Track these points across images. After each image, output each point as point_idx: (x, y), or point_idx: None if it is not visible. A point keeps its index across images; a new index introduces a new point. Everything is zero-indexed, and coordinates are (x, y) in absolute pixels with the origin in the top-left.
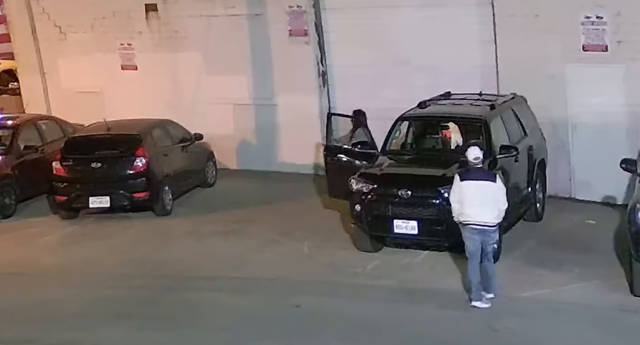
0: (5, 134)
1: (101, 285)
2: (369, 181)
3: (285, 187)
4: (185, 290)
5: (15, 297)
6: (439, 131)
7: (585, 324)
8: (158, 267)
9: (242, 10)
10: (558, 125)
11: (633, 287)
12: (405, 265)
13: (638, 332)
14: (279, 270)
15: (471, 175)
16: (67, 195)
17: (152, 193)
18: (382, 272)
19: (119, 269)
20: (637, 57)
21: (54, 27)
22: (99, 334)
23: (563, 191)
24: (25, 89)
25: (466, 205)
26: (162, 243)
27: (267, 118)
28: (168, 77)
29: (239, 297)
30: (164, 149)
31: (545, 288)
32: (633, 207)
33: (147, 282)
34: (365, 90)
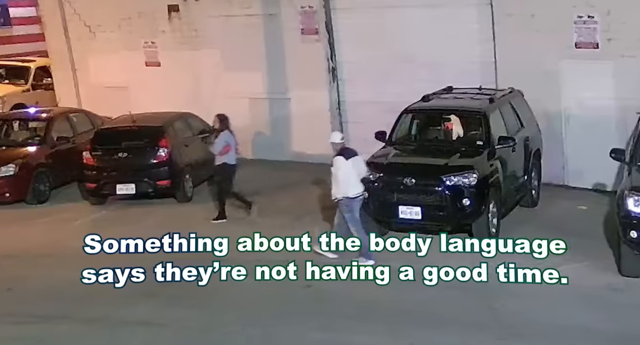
0: (40, 126)
1: (129, 266)
2: (375, 170)
3: (297, 175)
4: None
5: (49, 276)
6: (442, 123)
7: (577, 302)
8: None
9: (258, 11)
10: (552, 118)
11: (621, 268)
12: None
13: (625, 309)
14: (291, 252)
15: (350, 154)
16: (96, 182)
17: (174, 181)
18: (387, 255)
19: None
20: (626, 54)
21: (84, 27)
22: (127, 311)
23: (557, 179)
24: (58, 84)
25: (352, 181)
26: (183, 228)
27: (280, 111)
28: (189, 73)
29: (253, 277)
30: (184, 140)
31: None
32: (621, 194)
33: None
34: (372, 85)
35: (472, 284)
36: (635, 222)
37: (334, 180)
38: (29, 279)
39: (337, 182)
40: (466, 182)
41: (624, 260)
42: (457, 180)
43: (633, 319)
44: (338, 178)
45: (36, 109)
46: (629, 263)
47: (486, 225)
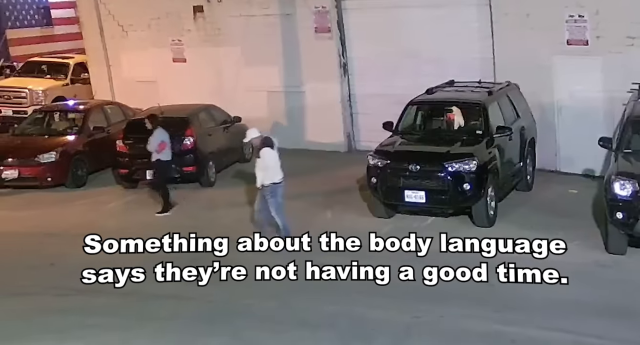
0: (78, 117)
1: (155, 245)
2: (383, 157)
3: (311, 163)
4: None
5: (87, 254)
6: (444, 114)
7: (568, 276)
8: (203, 229)
9: (275, 11)
10: (546, 109)
11: (608, 246)
12: (414, 229)
13: (612, 284)
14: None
15: (273, 143)
16: (128, 168)
17: (198, 167)
18: (394, 235)
19: (170, 230)
20: (613, 50)
21: (117, 26)
22: (157, 286)
23: (550, 165)
24: (94, 79)
25: (277, 168)
26: (206, 209)
27: (295, 103)
28: (212, 68)
29: (271, 255)
30: (208, 129)
31: None
32: (609, 179)
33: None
34: (380, 79)
35: (471, 259)
36: (621, 204)
37: (261, 169)
38: (69, 255)
39: (266, 170)
40: (467, 168)
41: (610, 239)
42: (459, 166)
43: (619, 292)
44: (268, 166)
45: (74, 101)
46: (615, 242)
47: (485, 208)
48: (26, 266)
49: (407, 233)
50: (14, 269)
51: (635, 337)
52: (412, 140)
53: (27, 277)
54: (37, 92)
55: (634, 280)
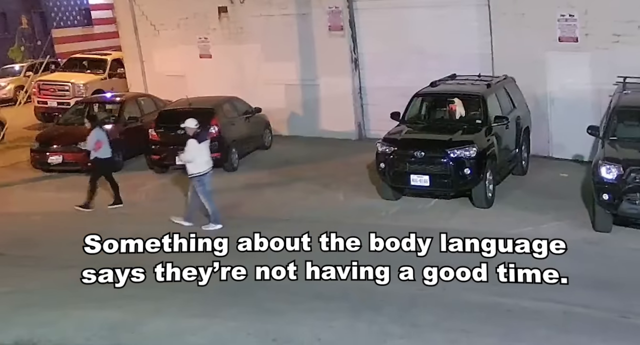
0: (115, 108)
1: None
2: (391, 144)
3: (325, 149)
4: (247, 228)
5: (124, 230)
6: (447, 105)
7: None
8: (227, 209)
9: (292, 11)
10: (539, 100)
11: (595, 224)
12: (419, 210)
13: (598, 259)
14: (320, 213)
15: (202, 138)
16: (159, 155)
17: (222, 153)
18: (401, 216)
19: (197, 210)
20: (600, 47)
21: (150, 26)
22: (182, 263)
23: (543, 151)
24: (129, 73)
25: (204, 160)
26: (229, 192)
27: (311, 95)
28: (235, 63)
29: (289, 233)
30: (231, 119)
31: (528, 226)
32: (596, 163)
33: None
34: (388, 73)
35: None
36: (607, 186)
37: (186, 159)
38: (106, 231)
39: (193, 161)
40: (467, 154)
41: (597, 218)
42: (460, 153)
43: (604, 266)
44: (193, 158)
45: (112, 94)
46: (601, 220)
47: (484, 190)
48: (70, 242)
49: (412, 214)
50: (59, 245)
51: (618, 306)
52: (417, 129)
53: (71, 252)
54: (78, 85)
55: (618, 256)
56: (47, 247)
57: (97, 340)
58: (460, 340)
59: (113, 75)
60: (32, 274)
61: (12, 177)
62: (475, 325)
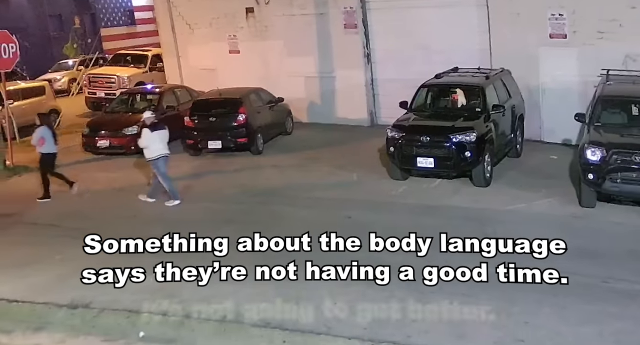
0: (154, 98)
1: (215, 201)
2: (399, 130)
3: (341, 135)
4: (272, 205)
5: (162, 208)
6: (449, 95)
7: (548, 226)
8: (253, 189)
9: (311, 11)
10: (532, 90)
11: (581, 201)
12: (424, 189)
13: (583, 231)
14: (336, 192)
15: (156, 128)
16: (194, 139)
17: (249, 138)
18: (408, 194)
19: (227, 189)
20: (587, 43)
21: (185, 25)
22: (214, 232)
23: (535, 136)
24: (167, 67)
25: (157, 146)
26: (255, 173)
27: (328, 86)
28: (260, 58)
29: (308, 210)
30: (257, 108)
31: (522, 203)
32: (582, 147)
33: (245, 199)
34: (397, 66)
35: (472, 213)
36: (591, 167)
37: (142, 145)
38: (146, 208)
39: (147, 148)
40: (468, 139)
41: (583, 195)
42: (461, 137)
43: (588, 237)
44: (147, 145)
45: (152, 85)
46: (586, 197)
47: (482, 171)
48: (115, 216)
49: (418, 192)
50: (106, 219)
51: (600, 272)
52: (423, 117)
53: (117, 224)
54: (123, 78)
55: (601, 229)
56: (96, 220)
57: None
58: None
59: (153, 69)
60: (81, 244)
61: (65, 158)
62: (475, 291)
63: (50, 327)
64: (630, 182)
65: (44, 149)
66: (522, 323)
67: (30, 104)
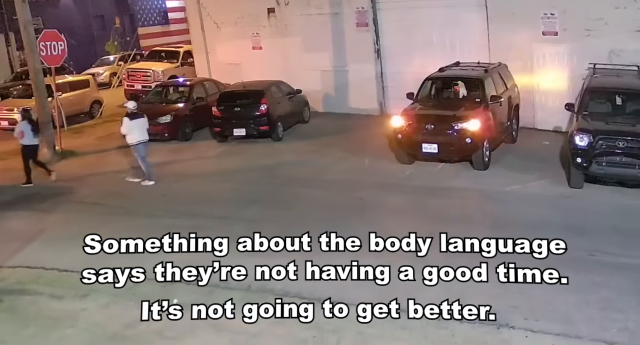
0: (185, 90)
1: (240, 182)
2: (406, 119)
3: (353, 123)
4: (291, 187)
5: (192, 188)
6: (452, 87)
7: (540, 205)
8: (274, 171)
9: (327, 11)
10: (527, 82)
11: (570, 182)
12: (429, 172)
13: (572, 210)
14: (349, 175)
15: (136, 117)
16: (220, 127)
17: (270, 127)
18: (414, 176)
19: (251, 172)
20: (576, 39)
21: (213, 23)
22: (240, 212)
23: (529, 124)
24: (197, 62)
25: (135, 134)
26: (276, 157)
27: (341, 79)
28: (280, 53)
29: (323, 191)
30: (277, 99)
31: (517, 184)
32: (571, 133)
33: (268, 181)
34: (404, 60)
35: (472, 194)
36: (580, 152)
37: (123, 132)
38: (177, 189)
39: (128, 134)
40: (469, 127)
41: (572, 177)
42: (463, 125)
43: (576, 215)
44: (128, 131)
45: (183, 78)
46: (575, 179)
47: (482, 156)
48: (152, 196)
49: (423, 175)
50: (144, 198)
51: (587, 246)
52: (428, 106)
53: (153, 204)
54: (157, 72)
55: (587, 207)
56: (135, 200)
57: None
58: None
59: (184, 64)
60: (123, 220)
61: (107, 144)
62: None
63: (95, 294)
64: (614, 165)
65: (25, 141)
66: (517, 292)
67: (76, 96)
